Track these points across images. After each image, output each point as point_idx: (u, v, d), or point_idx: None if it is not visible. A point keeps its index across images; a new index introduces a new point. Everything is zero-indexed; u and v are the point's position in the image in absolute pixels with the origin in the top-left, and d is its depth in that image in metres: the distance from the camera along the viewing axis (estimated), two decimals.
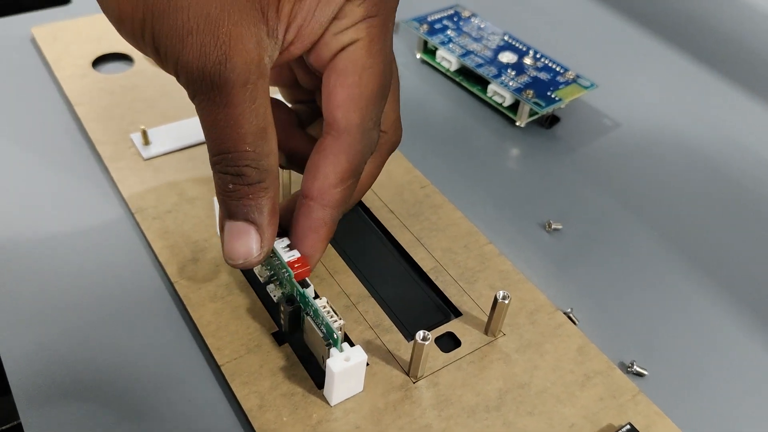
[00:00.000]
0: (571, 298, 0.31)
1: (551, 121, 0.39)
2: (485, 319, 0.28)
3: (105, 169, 0.33)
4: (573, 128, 0.39)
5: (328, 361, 0.24)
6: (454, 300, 0.29)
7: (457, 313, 0.29)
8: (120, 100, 0.37)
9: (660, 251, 0.33)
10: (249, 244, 0.24)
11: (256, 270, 0.27)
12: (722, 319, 0.30)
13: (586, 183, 0.36)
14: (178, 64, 0.21)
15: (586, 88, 0.39)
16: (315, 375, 0.26)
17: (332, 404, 0.25)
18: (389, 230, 0.32)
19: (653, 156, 0.38)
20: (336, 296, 0.29)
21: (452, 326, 0.28)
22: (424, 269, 0.30)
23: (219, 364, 0.26)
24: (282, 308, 0.26)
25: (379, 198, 0.33)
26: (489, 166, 0.37)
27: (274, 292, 0.26)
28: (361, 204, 0.33)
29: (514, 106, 0.39)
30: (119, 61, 0.40)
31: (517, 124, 0.38)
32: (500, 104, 0.39)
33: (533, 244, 0.33)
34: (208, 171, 0.33)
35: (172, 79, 0.22)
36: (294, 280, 0.25)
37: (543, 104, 0.37)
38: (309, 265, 0.25)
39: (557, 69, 0.40)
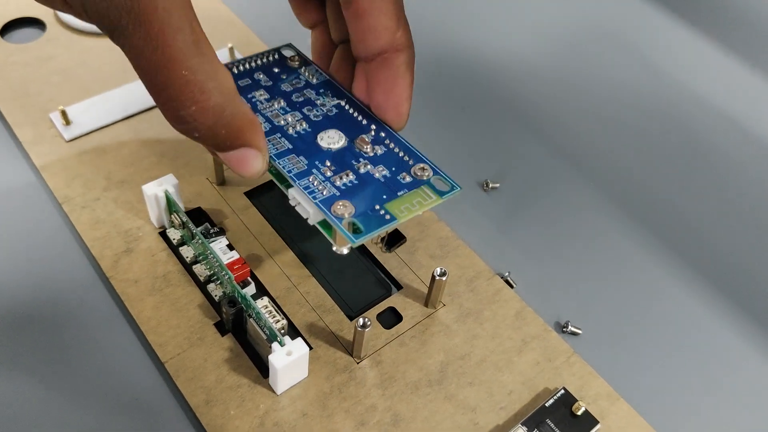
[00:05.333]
0: (509, 261, 0.31)
1: (390, 241, 0.26)
2: (426, 290, 0.29)
3: (26, 155, 0.32)
4: (506, 82, 0.39)
5: (270, 357, 0.24)
6: (394, 273, 0.29)
7: (399, 287, 0.29)
8: (36, 74, 0.35)
9: (595, 206, 0.34)
10: (249, 167, 0.23)
11: (195, 269, 0.27)
12: (658, 274, 0.31)
13: (522, 139, 0.36)
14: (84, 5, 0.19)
15: (441, 195, 0.24)
16: (259, 364, 0.26)
17: (278, 393, 0.26)
18: None
19: (592, 106, 0.38)
20: (276, 278, 0.29)
21: (393, 301, 0.29)
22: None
23: (162, 361, 0.26)
24: (224, 310, 0.26)
25: None
26: None
27: (215, 291, 0.26)
28: None
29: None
30: (30, 26, 0.37)
31: (334, 249, 0.24)
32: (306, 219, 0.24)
33: (471, 205, 0.33)
34: (133, 149, 0.32)
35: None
36: (234, 282, 0.25)
37: (362, 229, 0.22)
38: (248, 266, 0.25)
39: (404, 158, 0.25)
